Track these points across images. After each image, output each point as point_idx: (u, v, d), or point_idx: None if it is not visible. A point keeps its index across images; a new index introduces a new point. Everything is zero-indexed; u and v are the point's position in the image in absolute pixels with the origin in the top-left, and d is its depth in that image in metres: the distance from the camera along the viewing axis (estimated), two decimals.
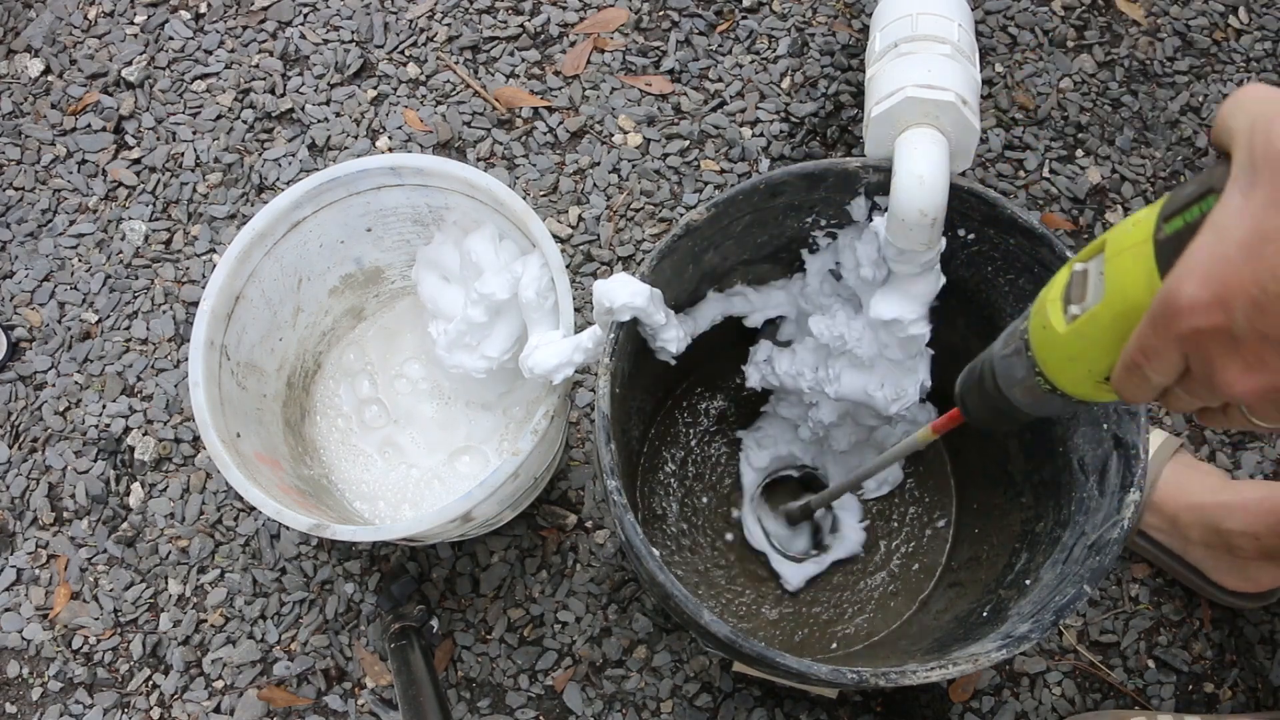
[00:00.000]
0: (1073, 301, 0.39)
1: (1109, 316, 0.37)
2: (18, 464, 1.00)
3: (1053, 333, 0.40)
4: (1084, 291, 0.39)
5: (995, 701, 0.90)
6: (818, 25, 1.16)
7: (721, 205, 0.71)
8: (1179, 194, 0.35)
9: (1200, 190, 0.34)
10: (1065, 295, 0.40)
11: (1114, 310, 0.36)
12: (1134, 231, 0.36)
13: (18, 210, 1.10)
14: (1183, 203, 0.34)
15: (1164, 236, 0.34)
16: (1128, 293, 0.36)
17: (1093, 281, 0.38)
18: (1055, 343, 0.40)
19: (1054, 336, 0.40)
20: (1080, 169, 1.10)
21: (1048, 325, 0.40)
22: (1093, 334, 0.38)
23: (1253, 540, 0.82)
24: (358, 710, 0.90)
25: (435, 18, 1.17)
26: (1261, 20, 1.18)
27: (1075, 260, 0.40)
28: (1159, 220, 0.35)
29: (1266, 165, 0.31)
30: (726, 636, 0.59)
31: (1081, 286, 0.39)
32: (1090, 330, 0.38)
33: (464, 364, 0.85)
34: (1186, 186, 0.35)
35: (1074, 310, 0.39)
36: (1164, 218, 0.35)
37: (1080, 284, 0.39)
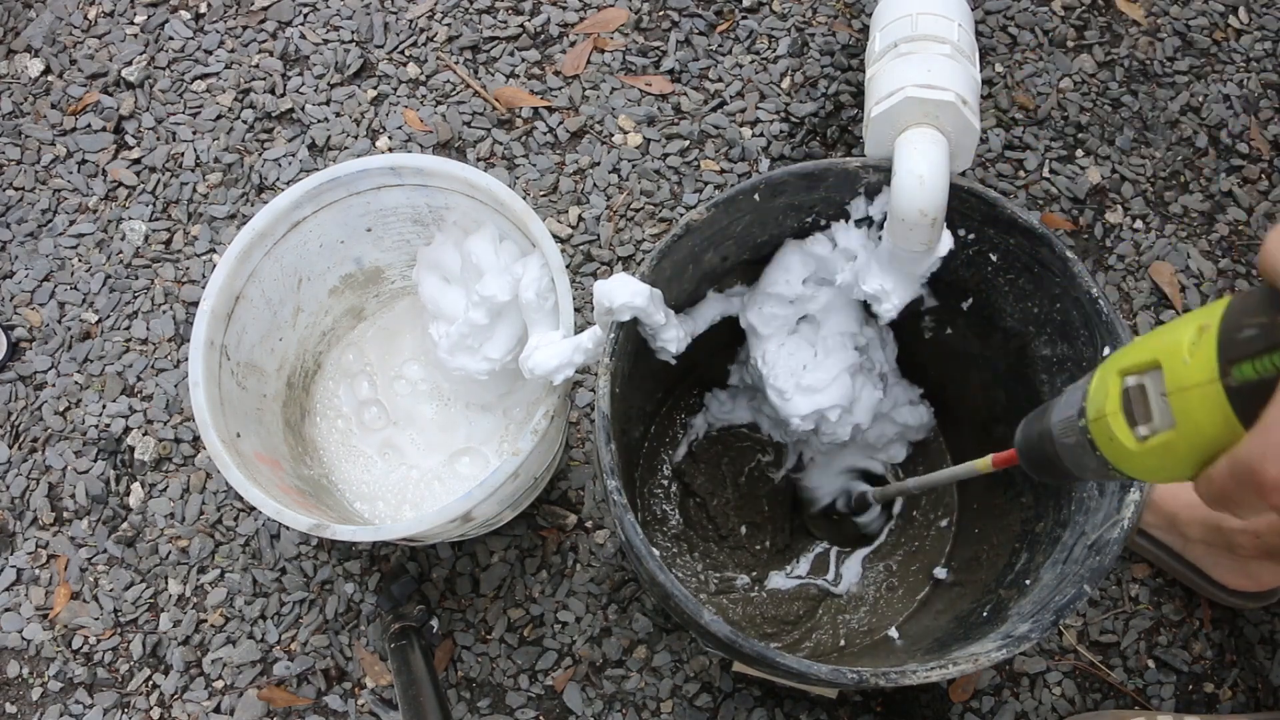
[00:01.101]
0: (1139, 422, 0.40)
1: (1185, 446, 0.38)
2: (18, 464, 1.00)
3: (1122, 447, 0.41)
4: (1148, 413, 0.40)
5: (995, 701, 0.90)
6: (818, 25, 1.16)
7: (721, 205, 0.71)
8: (1238, 331, 0.35)
9: (1267, 340, 0.34)
10: (1126, 411, 0.41)
11: (1190, 441, 0.38)
12: (1194, 367, 0.36)
13: (18, 210, 1.10)
14: (1250, 349, 0.35)
15: (1235, 384, 0.35)
16: (1203, 429, 0.37)
17: (1156, 405, 0.39)
18: (1129, 455, 0.41)
19: (1124, 451, 0.41)
20: (1080, 169, 1.10)
21: (1115, 439, 0.41)
22: (1169, 456, 0.39)
23: (1252, 538, 0.82)
24: (358, 710, 0.90)
25: (435, 18, 1.17)
26: (1261, 20, 1.18)
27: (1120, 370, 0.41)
28: (1220, 359, 0.35)
29: None
30: (726, 636, 0.59)
31: (1144, 406, 0.40)
32: (1166, 454, 0.39)
33: (466, 366, 0.85)
34: (1244, 324, 0.35)
35: (1142, 431, 0.40)
36: (1229, 359, 0.35)
37: (1141, 403, 0.40)
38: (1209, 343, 0.36)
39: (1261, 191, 1.10)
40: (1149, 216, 1.09)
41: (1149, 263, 1.06)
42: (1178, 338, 0.38)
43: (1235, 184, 1.10)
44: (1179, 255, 1.06)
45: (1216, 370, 0.35)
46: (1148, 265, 1.06)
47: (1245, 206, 1.09)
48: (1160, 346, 0.39)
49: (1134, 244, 1.07)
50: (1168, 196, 1.10)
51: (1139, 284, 1.05)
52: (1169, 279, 1.05)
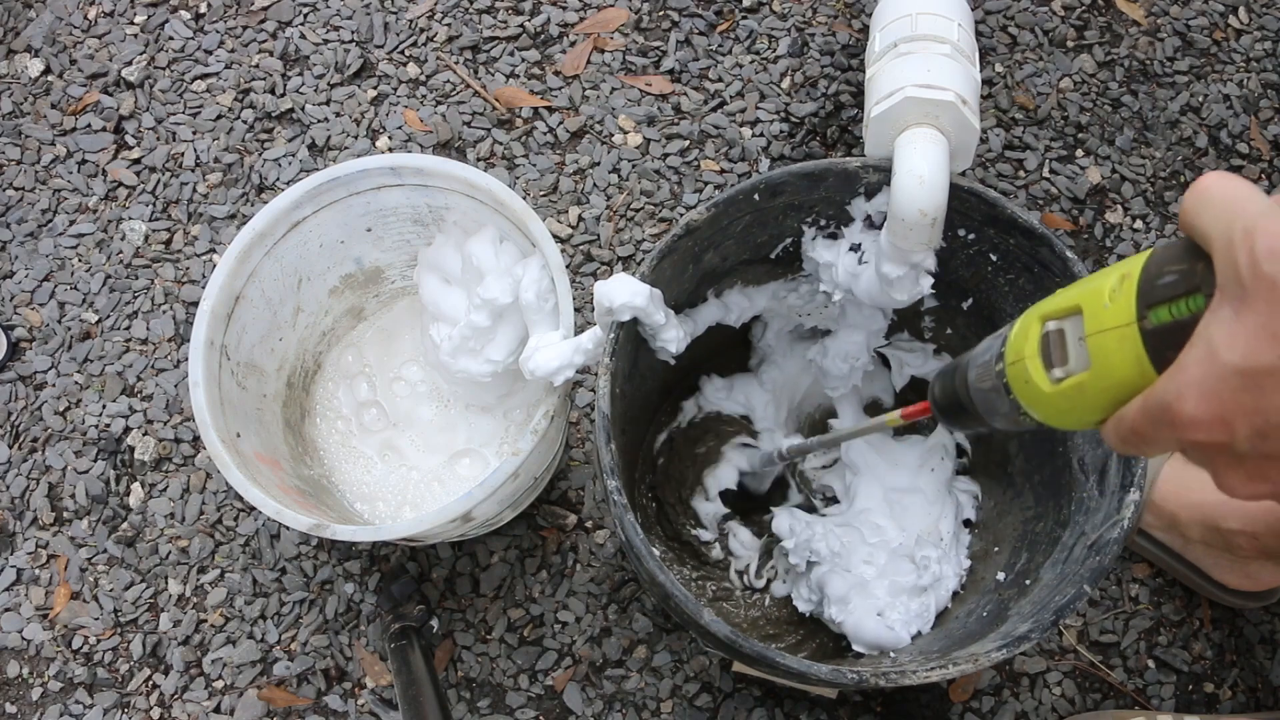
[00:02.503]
0: (1055, 364, 0.41)
1: (1098, 387, 0.39)
2: (18, 464, 1.00)
3: (1036, 389, 0.42)
4: (1065, 355, 0.41)
5: (995, 701, 0.90)
6: (818, 25, 1.16)
7: (721, 205, 0.71)
8: (1157, 278, 0.36)
9: (1184, 285, 0.35)
10: (1043, 355, 0.42)
11: (1102, 383, 0.39)
12: (1113, 310, 0.38)
13: (18, 210, 1.10)
14: (1166, 294, 0.36)
15: (1151, 327, 0.36)
16: (1116, 371, 0.38)
17: (1073, 348, 0.40)
18: (1041, 397, 0.42)
19: (1038, 393, 0.42)
20: (1080, 169, 1.10)
21: (1030, 381, 0.42)
22: (1081, 398, 0.40)
23: (1251, 539, 0.82)
24: (358, 710, 0.90)
25: (435, 18, 1.17)
26: (1261, 20, 1.18)
27: (1040, 315, 0.42)
28: (1139, 303, 0.36)
29: (1256, 287, 0.32)
30: (726, 637, 0.59)
31: (1061, 349, 0.41)
32: (1078, 395, 0.40)
33: (469, 369, 0.85)
34: (1164, 271, 0.36)
35: (1057, 373, 0.41)
36: (1146, 304, 0.36)
37: (1059, 346, 0.41)
38: (1129, 288, 0.37)
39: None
40: (1149, 216, 1.09)
41: None
42: (1100, 285, 0.39)
43: None
44: None
45: (1135, 313, 0.37)
46: None
47: None
48: (1083, 293, 0.40)
49: (1134, 244, 1.07)
50: (1168, 196, 1.10)
51: None
52: None
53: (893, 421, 0.63)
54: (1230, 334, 0.32)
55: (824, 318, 0.87)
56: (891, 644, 0.78)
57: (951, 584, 0.81)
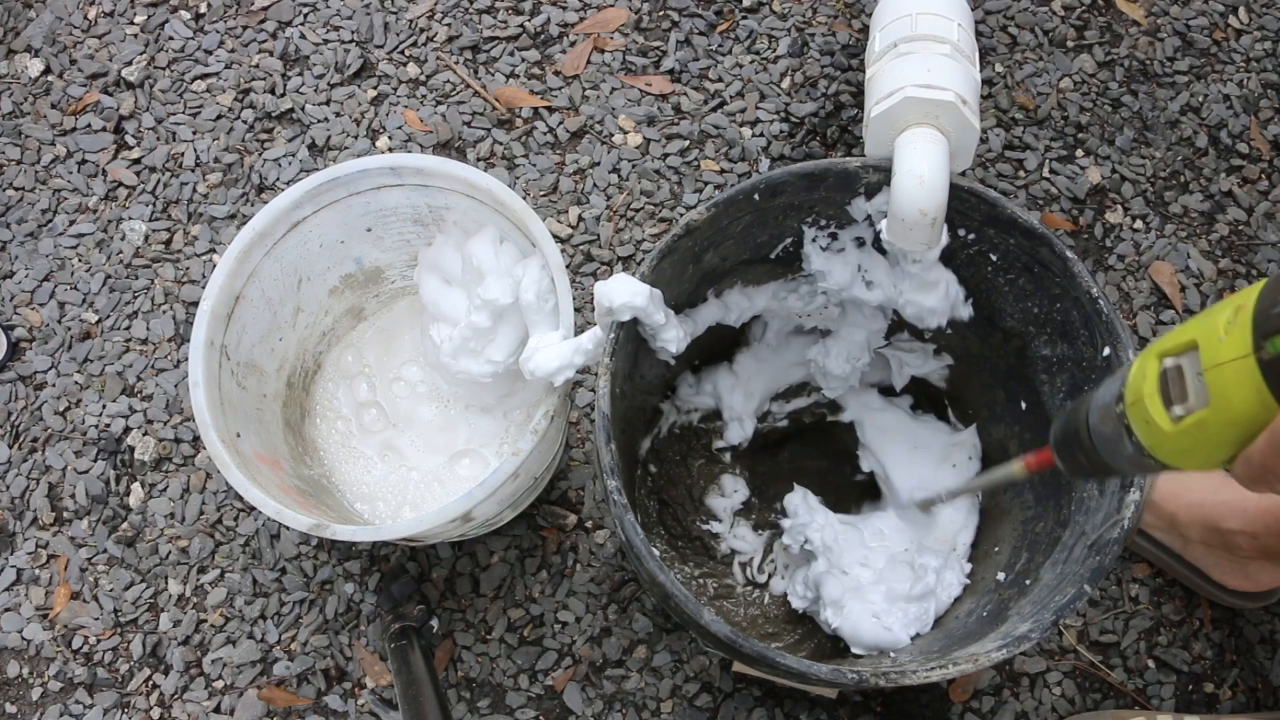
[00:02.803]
0: (1174, 402, 0.40)
1: (1219, 423, 0.39)
2: (18, 464, 1.00)
3: (1157, 428, 0.41)
4: (1184, 392, 0.40)
5: (995, 701, 0.90)
6: (818, 25, 1.16)
7: (721, 205, 0.71)
8: (1272, 307, 0.36)
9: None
10: (1163, 393, 0.41)
11: (1224, 419, 0.38)
12: (1229, 343, 0.37)
13: (18, 210, 1.10)
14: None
15: (1269, 357, 0.36)
16: (1236, 405, 0.37)
17: (1192, 384, 0.40)
18: (1164, 437, 0.41)
19: (1160, 432, 0.41)
20: (1080, 169, 1.10)
21: (1151, 421, 0.42)
22: (1204, 436, 0.40)
23: (1250, 539, 0.82)
24: (358, 710, 0.90)
25: (435, 18, 1.17)
26: (1261, 20, 1.18)
27: (1158, 353, 0.41)
28: (1255, 334, 0.36)
29: None
30: (726, 636, 0.59)
31: (1180, 387, 0.40)
32: (1200, 433, 0.40)
33: (469, 369, 0.85)
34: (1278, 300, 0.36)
35: (1178, 410, 0.40)
36: (1263, 334, 0.36)
37: (1178, 383, 0.40)
38: (1244, 320, 0.37)
39: (1261, 191, 1.10)
40: (1149, 216, 1.09)
41: (1149, 263, 1.06)
42: (1215, 319, 0.38)
43: (1235, 184, 1.10)
44: (1179, 255, 1.06)
45: (1251, 345, 0.36)
46: (1148, 265, 1.06)
47: (1245, 206, 1.09)
48: (1198, 328, 0.39)
49: (1134, 244, 1.07)
50: (1168, 196, 1.10)
51: (1139, 284, 1.05)
52: (1169, 279, 1.05)
53: (1019, 472, 0.62)
54: None
55: (824, 318, 0.87)
56: (890, 645, 0.78)
57: (955, 591, 0.81)
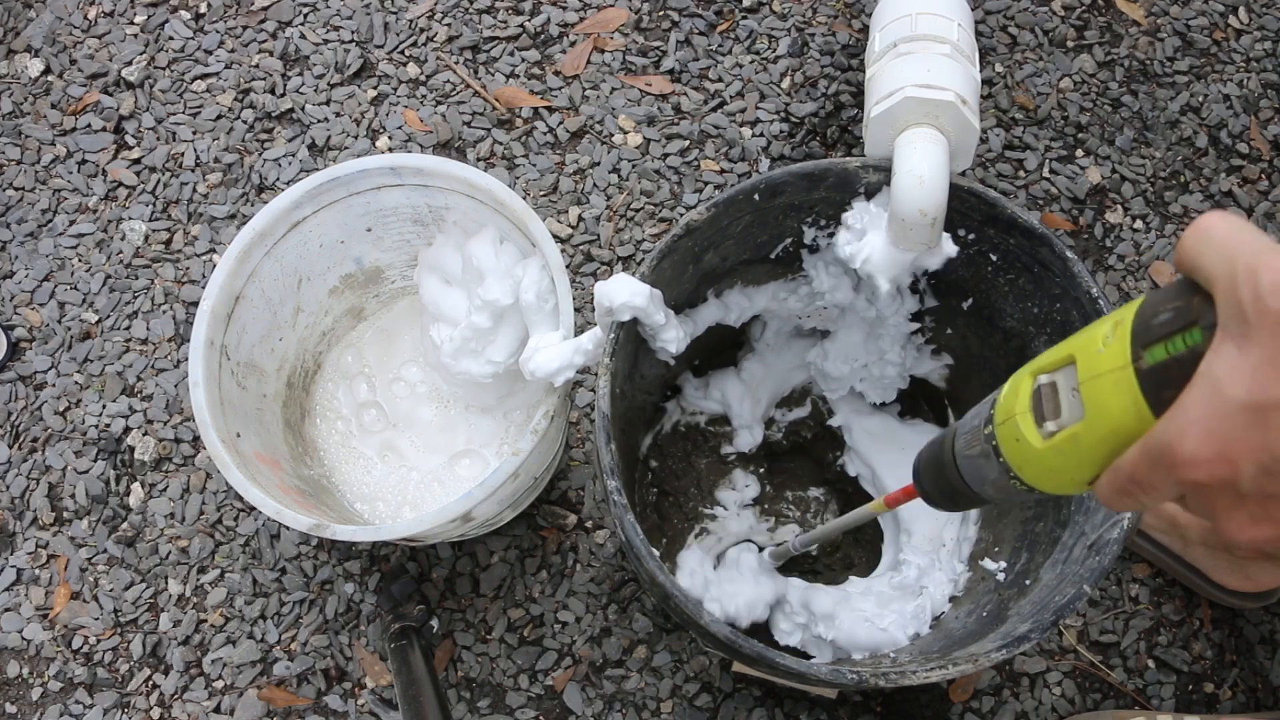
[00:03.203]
0: (1047, 418, 0.39)
1: (1093, 437, 0.37)
2: (18, 464, 1.00)
3: (1028, 446, 0.40)
4: (1057, 408, 0.39)
5: (995, 701, 0.90)
6: (818, 25, 1.16)
7: (721, 205, 0.71)
8: (1152, 318, 0.35)
9: (1180, 321, 0.34)
10: (1035, 410, 0.40)
11: (1098, 432, 0.37)
12: (1107, 355, 0.36)
13: (18, 210, 1.10)
14: (1162, 331, 0.35)
15: (1146, 366, 0.35)
16: (1112, 417, 0.36)
17: (1066, 399, 0.39)
18: (1032, 456, 0.40)
19: (1029, 450, 0.40)
20: (1080, 169, 1.10)
21: (1021, 439, 0.41)
22: (1075, 451, 0.39)
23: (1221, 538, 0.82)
24: (358, 710, 0.90)
25: (435, 18, 1.17)
26: (1261, 20, 1.18)
27: (1032, 371, 0.41)
28: (1134, 345, 0.35)
29: (1261, 322, 0.31)
30: (726, 636, 0.59)
31: (1053, 402, 0.39)
32: (1072, 448, 0.39)
33: (470, 370, 0.85)
34: (1159, 310, 0.35)
35: (1050, 427, 0.39)
36: (1141, 344, 0.35)
37: (1051, 399, 0.39)
38: (1123, 332, 0.36)
39: (1261, 191, 1.10)
40: (1149, 216, 1.09)
41: (1149, 263, 1.06)
42: (1094, 333, 0.38)
43: (1235, 184, 1.10)
44: None
45: (1129, 355, 0.35)
46: (1148, 265, 1.06)
47: (1245, 206, 1.09)
48: (1076, 343, 0.39)
49: (1134, 244, 1.07)
50: (1168, 196, 1.10)
51: (1139, 284, 1.05)
52: (1169, 279, 1.05)
53: (878, 508, 0.62)
54: (1234, 369, 0.32)
55: (824, 319, 0.87)
56: (887, 645, 0.78)
57: (947, 589, 0.81)
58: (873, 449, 0.89)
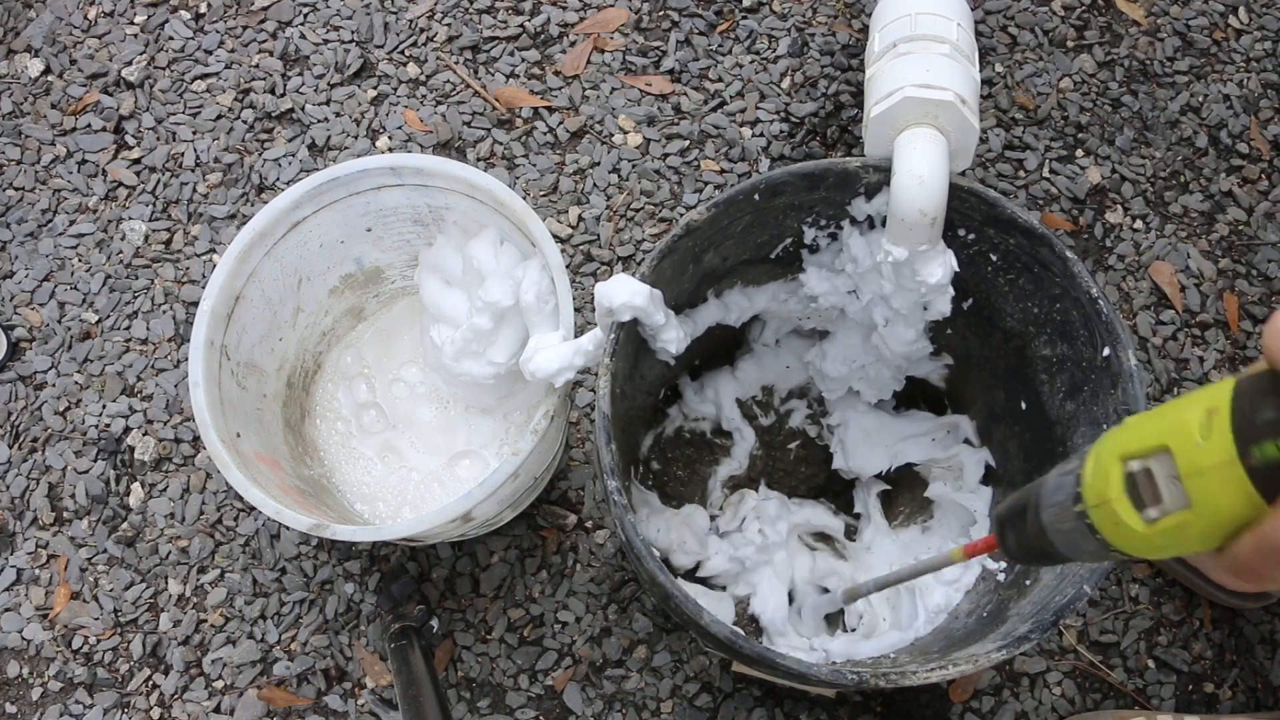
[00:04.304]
0: (1147, 505, 0.40)
1: (1203, 525, 0.38)
2: (18, 464, 1.00)
3: (1129, 530, 0.41)
4: (1157, 495, 0.40)
5: (995, 701, 0.90)
6: (818, 25, 1.16)
7: (721, 205, 0.71)
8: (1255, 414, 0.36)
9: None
10: (1131, 494, 0.41)
11: (1208, 521, 0.38)
12: (1210, 450, 0.37)
13: (18, 210, 1.10)
14: (1268, 430, 0.36)
15: (1257, 464, 0.36)
16: (1222, 509, 0.37)
17: (1166, 487, 0.39)
18: (1136, 538, 0.41)
19: (1132, 533, 0.41)
20: (1080, 169, 1.10)
21: (1121, 524, 0.41)
22: (1183, 535, 0.39)
23: None
24: (358, 710, 0.91)
25: (435, 18, 1.17)
26: (1261, 20, 1.18)
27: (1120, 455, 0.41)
28: (1239, 441, 0.36)
29: None
30: (726, 636, 0.59)
31: (1151, 489, 0.40)
32: (1180, 532, 0.39)
33: (471, 371, 0.85)
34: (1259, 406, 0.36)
35: (1152, 513, 0.40)
36: (1248, 441, 0.36)
37: (1148, 487, 0.40)
38: (1223, 426, 0.37)
39: (1261, 191, 1.10)
40: (1149, 216, 1.09)
41: (1149, 263, 1.06)
42: (1184, 420, 0.38)
43: (1235, 184, 1.10)
44: (1179, 255, 1.07)
45: (1234, 451, 0.36)
46: (1148, 265, 1.06)
47: (1245, 206, 1.09)
48: (1166, 429, 0.39)
49: (1134, 244, 1.07)
50: (1168, 196, 1.10)
51: (1139, 284, 1.05)
52: (1169, 279, 1.05)
53: (956, 557, 0.61)
54: None
55: (823, 319, 0.87)
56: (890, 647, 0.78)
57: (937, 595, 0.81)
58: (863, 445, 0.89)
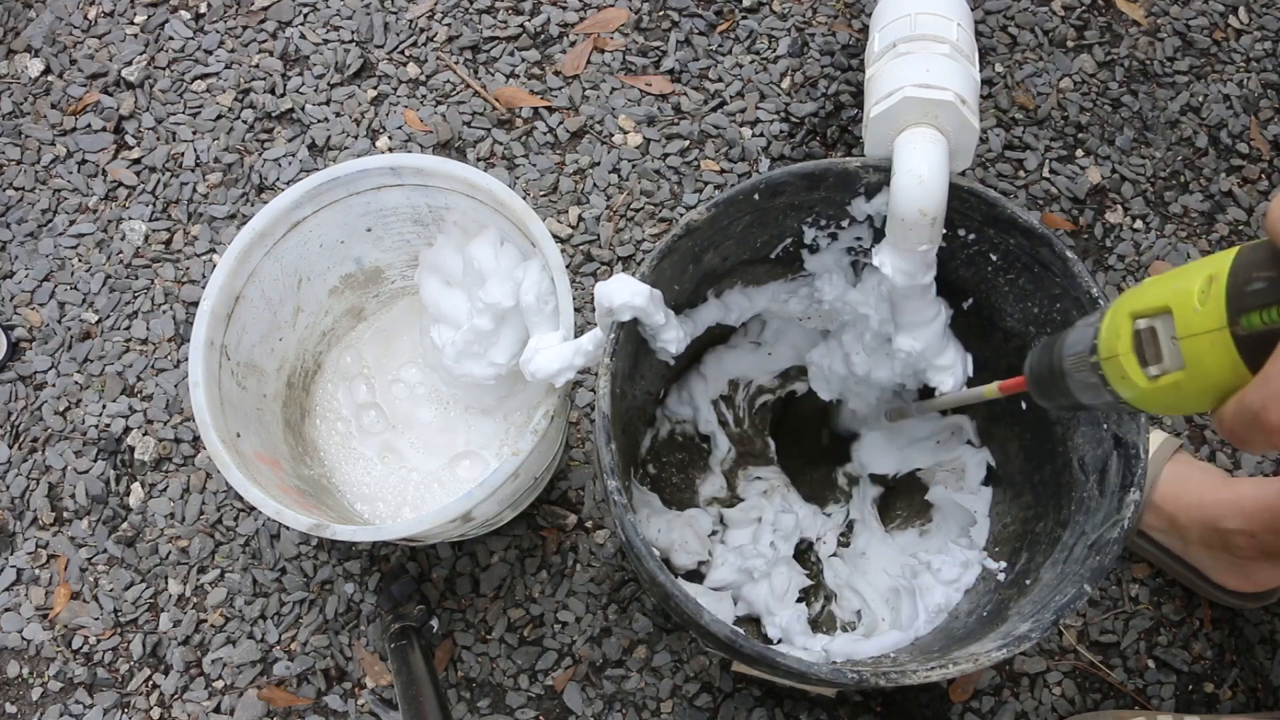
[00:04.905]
0: (1149, 362, 0.43)
1: (1195, 387, 0.41)
2: (18, 464, 1.00)
3: (1134, 384, 0.44)
4: (1159, 354, 0.42)
5: (995, 701, 0.90)
6: (818, 25, 1.16)
7: (721, 205, 0.71)
8: (1246, 284, 0.37)
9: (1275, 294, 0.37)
10: (1137, 351, 0.43)
11: (1199, 383, 0.40)
12: (1204, 315, 0.39)
13: (18, 210, 1.10)
14: (1258, 301, 0.37)
15: (1243, 333, 0.37)
16: (1211, 374, 0.39)
17: (1167, 347, 0.42)
18: (1140, 393, 0.44)
19: (1136, 388, 0.44)
20: (1080, 169, 1.10)
21: (1127, 377, 0.44)
22: (1179, 394, 0.42)
23: (1250, 539, 0.82)
24: (358, 710, 0.90)
25: (435, 18, 1.17)
26: (1261, 20, 1.18)
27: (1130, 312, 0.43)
28: (1229, 309, 0.38)
29: None
30: (726, 636, 0.59)
31: (1154, 347, 0.42)
32: (1176, 392, 0.42)
33: (473, 372, 0.85)
34: (1252, 277, 0.37)
35: (1153, 370, 0.42)
36: (1238, 310, 0.37)
37: (1152, 344, 0.42)
38: (1218, 292, 0.38)
39: (1261, 191, 1.10)
40: (1149, 216, 1.09)
41: (1149, 263, 1.06)
42: (1188, 284, 0.40)
43: (1235, 184, 1.10)
44: (1179, 255, 1.06)
45: (1225, 319, 0.38)
46: (1148, 265, 1.06)
47: (1245, 206, 1.09)
48: (1171, 292, 0.41)
49: (1134, 244, 1.07)
50: (1168, 196, 1.10)
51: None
52: None
53: (990, 393, 0.64)
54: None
55: (823, 319, 0.87)
56: (890, 646, 0.78)
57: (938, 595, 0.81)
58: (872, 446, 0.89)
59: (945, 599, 0.80)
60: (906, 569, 0.84)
